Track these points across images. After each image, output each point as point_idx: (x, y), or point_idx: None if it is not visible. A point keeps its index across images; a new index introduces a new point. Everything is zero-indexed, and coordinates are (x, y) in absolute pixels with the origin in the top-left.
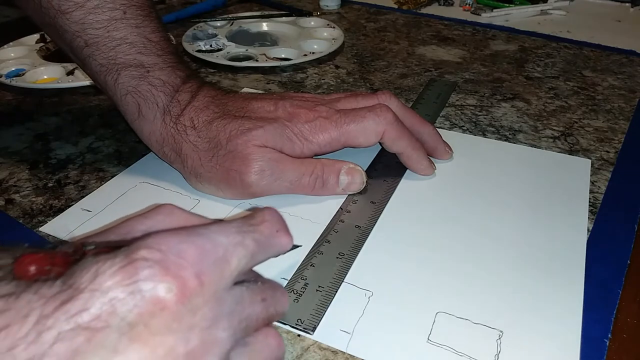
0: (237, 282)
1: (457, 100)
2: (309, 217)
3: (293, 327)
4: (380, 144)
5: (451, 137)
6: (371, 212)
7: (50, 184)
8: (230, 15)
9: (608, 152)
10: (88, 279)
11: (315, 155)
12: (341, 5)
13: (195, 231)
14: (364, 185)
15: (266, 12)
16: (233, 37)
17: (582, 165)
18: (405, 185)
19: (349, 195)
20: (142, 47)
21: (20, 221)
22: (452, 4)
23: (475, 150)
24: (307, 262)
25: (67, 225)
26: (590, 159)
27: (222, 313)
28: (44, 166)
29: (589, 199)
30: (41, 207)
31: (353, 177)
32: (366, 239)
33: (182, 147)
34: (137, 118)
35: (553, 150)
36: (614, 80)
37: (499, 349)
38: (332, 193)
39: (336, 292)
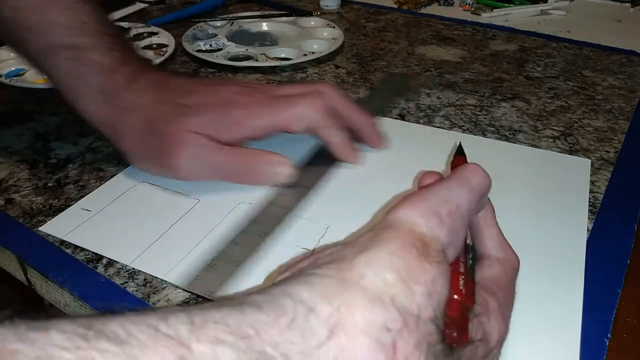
0: None
1: (457, 100)
2: (309, 217)
3: None
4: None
5: (451, 137)
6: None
7: (50, 184)
8: (230, 15)
9: (608, 152)
10: None
11: (250, 141)
12: (341, 5)
13: None
14: (292, 177)
15: (266, 12)
16: (233, 37)
17: (582, 165)
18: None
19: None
20: (77, 29)
21: (20, 221)
22: (452, 4)
23: (475, 150)
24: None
25: (66, 225)
26: (590, 158)
27: None
28: (44, 166)
29: (589, 199)
30: (41, 206)
31: (281, 168)
32: None
33: (117, 128)
34: (76, 100)
35: (553, 150)
36: (614, 80)
37: None
38: (260, 183)
39: None
